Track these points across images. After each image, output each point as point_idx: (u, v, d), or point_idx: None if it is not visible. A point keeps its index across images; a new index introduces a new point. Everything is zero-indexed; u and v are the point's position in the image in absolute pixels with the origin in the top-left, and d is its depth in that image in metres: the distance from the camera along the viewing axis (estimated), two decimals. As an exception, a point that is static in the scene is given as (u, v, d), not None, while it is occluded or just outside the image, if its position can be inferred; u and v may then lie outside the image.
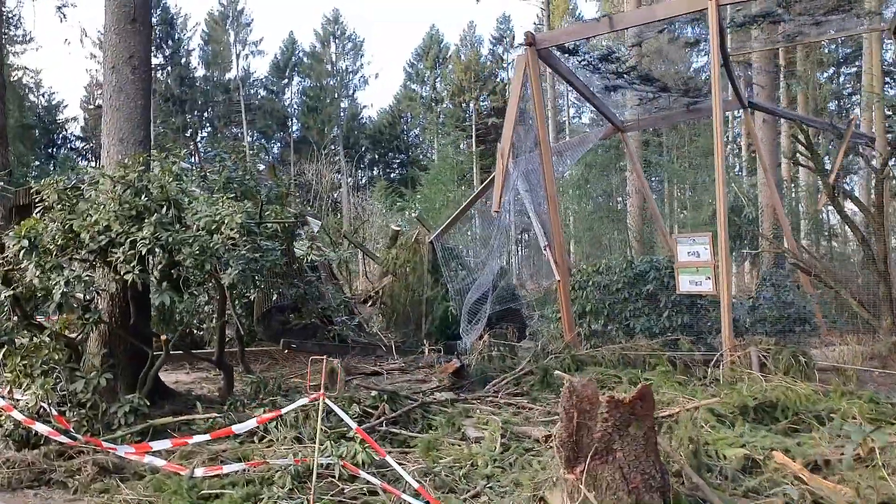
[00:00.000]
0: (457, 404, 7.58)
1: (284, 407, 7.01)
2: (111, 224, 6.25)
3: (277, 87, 66.90)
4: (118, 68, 8.73)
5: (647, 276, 11.68)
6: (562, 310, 10.34)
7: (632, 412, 3.38)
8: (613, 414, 3.38)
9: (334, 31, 68.58)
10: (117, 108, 8.66)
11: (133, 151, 8.47)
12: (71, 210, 6.68)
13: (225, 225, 6.34)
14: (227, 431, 5.43)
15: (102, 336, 7.95)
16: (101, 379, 6.51)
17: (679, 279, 9.44)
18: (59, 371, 6.43)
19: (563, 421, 3.47)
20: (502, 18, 66.83)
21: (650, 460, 3.44)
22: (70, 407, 6.25)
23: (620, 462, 3.43)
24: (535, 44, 9.58)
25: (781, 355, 7.84)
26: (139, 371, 7.96)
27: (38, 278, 5.88)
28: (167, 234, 6.16)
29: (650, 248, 20.54)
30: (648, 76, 11.02)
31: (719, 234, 8.59)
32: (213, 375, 11.59)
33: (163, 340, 6.95)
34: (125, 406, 6.41)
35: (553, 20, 52.89)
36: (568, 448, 3.46)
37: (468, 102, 64.02)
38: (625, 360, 9.36)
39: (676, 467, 4.06)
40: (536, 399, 7.79)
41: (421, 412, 7.03)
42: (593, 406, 3.45)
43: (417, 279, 14.93)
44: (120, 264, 6.04)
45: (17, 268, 6.23)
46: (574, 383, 3.46)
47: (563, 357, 9.22)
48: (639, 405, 3.40)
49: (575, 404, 3.41)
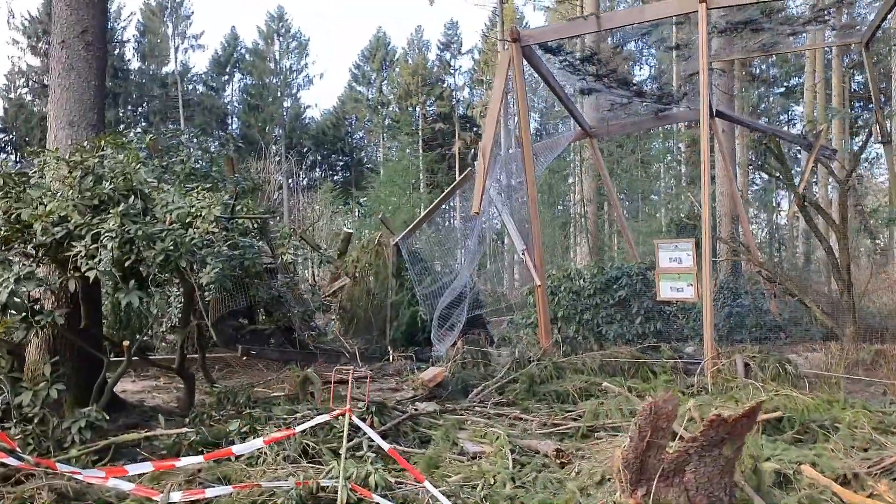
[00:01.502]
0: (444, 415, 7.11)
1: (259, 419, 6.41)
2: (69, 214, 5.51)
3: (218, 83, 64.91)
4: (69, 43, 7.91)
5: (619, 281, 11.53)
6: (539, 316, 10.02)
7: (729, 431, 3.03)
8: (708, 433, 3.01)
9: (278, 29, 67.15)
10: (66, 88, 7.83)
11: (85, 136, 7.66)
12: (17, 198, 5.89)
13: (201, 218, 5.70)
14: (226, 452, 4.79)
15: (46, 341, 7.13)
16: (50, 390, 5.75)
17: (660, 285, 9.26)
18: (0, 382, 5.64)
19: (634, 439, 3.08)
20: (450, 24, 66.71)
21: (722, 483, 3.09)
22: (14, 423, 5.46)
23: (688, 484, 3.07)
24: (520, 40, 9.26)
25: (768, 363, 7.73)
26: (89, 380, 7.16)
27: (-20, 274, 5.11)
28: (136, 227, 5.47)
29: (600, 255, 20.65)
30: (626, 80, 10.87)
31: (703, 240, 8.45)
32: (164, 384, 10.74)
33: (124, 346, 6.22)
34: (80, 421, 5.66)
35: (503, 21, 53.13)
36: (633, 469, 3.08)
37: (415, 107, 63.70)
38: (604, 367, 9.11)
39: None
40: (528, 409, 7.40)
41: (411, 425, 6.53)
42: (669, 423, 3.08)
43: (381, 283, 14.38)
44: (80, 259, 5.32)
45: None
46: (657, 399, 3.08)
47: (545, 364, 8.88)
48: (742, 423, 3.04)
49: (652, 422, 3.03)
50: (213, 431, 6.16)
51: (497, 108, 9.15)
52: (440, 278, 13.17)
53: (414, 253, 13.79)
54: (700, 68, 8.09)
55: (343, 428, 6.01)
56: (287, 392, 9.03)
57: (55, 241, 5.63)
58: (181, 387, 10.70)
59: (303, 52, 67.92)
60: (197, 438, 5.89)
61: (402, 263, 14.38)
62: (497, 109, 9.15)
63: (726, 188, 15.19)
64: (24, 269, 5.19)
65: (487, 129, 9.30)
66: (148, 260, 5.53)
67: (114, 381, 6.43)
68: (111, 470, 4.63)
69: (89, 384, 7.10)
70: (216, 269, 5.52)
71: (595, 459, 5.31)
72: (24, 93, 48.03)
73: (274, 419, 6.42)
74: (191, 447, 5.99)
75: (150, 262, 5.59)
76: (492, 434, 5.94)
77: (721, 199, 15.32)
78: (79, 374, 7.09)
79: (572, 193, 25.78)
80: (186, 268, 5.59)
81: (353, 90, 69.00)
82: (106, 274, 5.29)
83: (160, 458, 5.74)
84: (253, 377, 10.34)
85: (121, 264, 5.54)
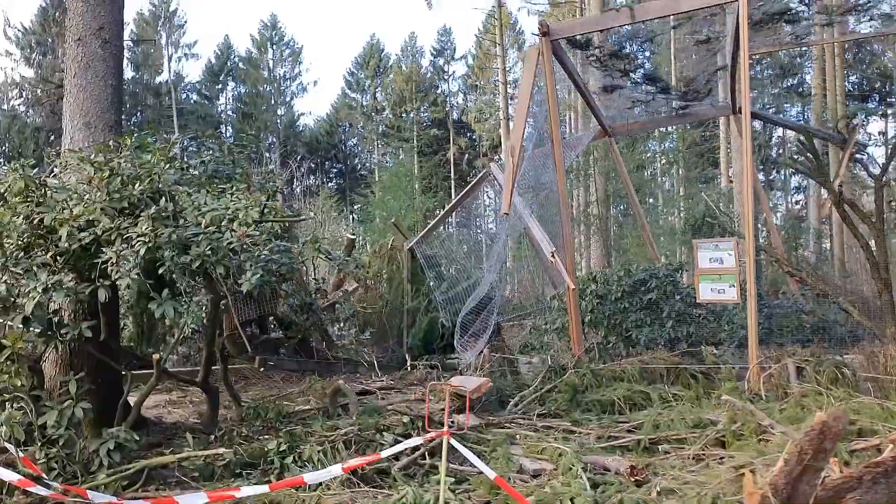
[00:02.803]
0: (490, 429, 6.70)
1: (298, 436, 5.98)
2: (98, 218, 5.09)
3: (212, 92, 64.42)
4: (85, 41, 7.49)
5: (647, 284, 11.15)
6: (570, 321, 9.64)
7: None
8: (890, 462, 2.63)
9: (272, 37, 66.91)
10: (83, 88, 7.41)
11: (102, 138, 7.25)
12: (38, 202, 5.47)
13: (238, 220, 5.29)
14: (296, 481, 4.32)
15: (62, 355, 6.69)
16: (76, 409, 5.30)
17: (699, 287, 8.90)
18: (22, 401, 5.20)
19: (791, 462, 2.69)
20: (443, 30, 66.61)
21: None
22: (40, 446, 5.02)
23: (842, 513, 2.68)
24: (550, 34, 8.91)
25: (823, 366, 7.35)
26: (109, 396, 6.73)
27: (4, 284, 4.67)
28: (169, 231, 5.06)
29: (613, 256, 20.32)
30: (654, 75, 10.55)
31: (747, 239, 8.10)
32: (178, 398, 10.27)
33: (155, 359, 5.78)
34: (109, 442, 5.21)
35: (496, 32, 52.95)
36: (783, 496, 2.69)
37: (409, 113, 63.48)
38: (643, 374, 8.73)
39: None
40: (578, 421, 6.99)
41: (458, 440, 6.10)
42: (833, 445, 2.70)
43: (395, 289, 13.96)
44: (111, 267, 4.88)
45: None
46: (828, 418, 2.69)
47: (583, 372, 8.49)
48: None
49: (817, 442, 2.64)
50: (249, 451, 5.73)
51: (526, 105, 8.79)
52: (458, 283, 12.77)
53: (429, 257, 13.39)
54: (741, 61, 7.75)
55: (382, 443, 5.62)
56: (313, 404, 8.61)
57: (81, 248, 5.21)
58: (196, 400, 10.28)
59: (296, 60, 67.73)
60: (234, 459, 5.46)
61: (416, 268, 13.99)
62: (526, 106, 8.79)
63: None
64: (52, 277, 4.76)
65: (516, 126, 8.93)
66: (182, 266, 5.11)
67: (142, 398, 6.01)
68: (160, 502, 4.18)
69: (108, 401, 6.66)
70: (258, 276, 5.10)
71: (669, 476, 4.93)
72: (18, 104, 47.49)
73: (315, 436, 5.99)
74: (226, 468, 5.57)
75: (184, 269, 5.18)
76: (552, 450, 5.53)
77: (739, 197, 15.00)
78: (98, 391, 6.64)
79: (577, 194, 25.44)
80: (223, 274, 5.16)
81: (346, 97, 68.69)
82: (137, 282, 4.86)
83: (193, 481, 5.33)
84: (272, 389, 9.91)
85: (153, 272, 5.12)
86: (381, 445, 5.64)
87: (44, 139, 45.05)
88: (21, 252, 5.34)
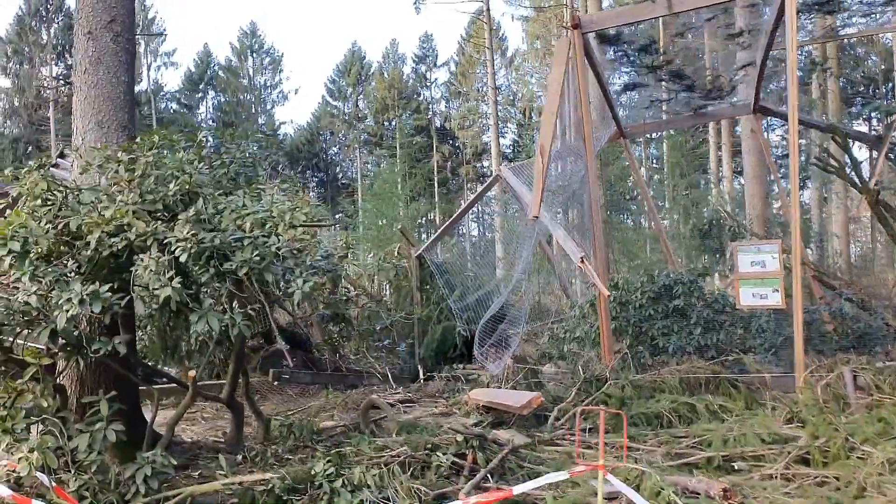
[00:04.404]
0: (541, 446, 6.29)
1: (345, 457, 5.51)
2: (131, 222, 4.60)
3: (191, 100, 63.46)
4: (96, 34, 6.98)
5: (673, 290, 10.84)
6: (602, 330, 9.28)
7: None
8: None
9: (252, 45, 66.26)
10: (94, 85, 6.88)
11: (115, 138, 6.73)
12: (61, 206, 4.96)
13: (284, 223, 4.84)
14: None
15: (79, 372, 6.15)
16: (107, 431, 4.80)
17: (740, 292, 8.59)
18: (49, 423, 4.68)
19: None
20: (425, 37, 66.42)
21: None
22: (73, 472, 4.50)
23: None
24: (581, 27, 8.57)
25: (883, 374, 7.04)
26: (133, 416, 6.22)
27: (35, 296, 4.17)
28: (211, 235, 4.59)
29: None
30: (680, 73, 10.28)
31: (794, 243, 7.81)
32: (189, 414, 9.67)
33: (190, 376, 5.29)
34: (145, 468, 4.72)
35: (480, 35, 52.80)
36: None
37: (392, 120, 63.18)
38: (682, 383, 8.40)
39: None
40: (632, 436, 6.60)
41: (515, 460, 5.69)
42: None
43: (403, 298, 13.51)
44: (148, 275, 4.40)
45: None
46: None
47: (622, 384, 8.13)
48: None
49: None
50: (293, 474, 5.25)
51: (556, 102, 8.42)
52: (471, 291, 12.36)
53: (440, 265, 12.97)
54: (788, 56, 7.47)
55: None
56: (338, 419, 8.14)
57: (112, 254, 4.71)
58: (207, 416, 9.73)
59: (277, 68, 67.16)
60: (282, 485, 4.98)
61: (425, 276, 13.55)
62: (556, 103, 8.41)
63: (756, 190, 14.70)
64: (86, 287, 4.25)
65: (545, 125, 8.55)
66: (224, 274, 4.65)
67: (176, 418, 5.53)
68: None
69: (131, 420, 6.15)
70: (310, 283, 4.64)
71: (763, 498, 4.56)
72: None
73: (360, 456, 5.52)
74: (269, 494, 5.08)
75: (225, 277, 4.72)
76: (624, 470, 5.12)
77: (752, 200, 14.82)
78: (119, 410, 6.14)
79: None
80: (269, 281, 4.70)
81: (328, 105, 68.09)
82: (178, 292, 4.38)
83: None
84: (290, 403, 9.40)
85: (194, 280, 4.65)
86: (440, 467, 5.19)
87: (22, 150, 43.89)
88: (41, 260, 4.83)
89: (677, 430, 6.87)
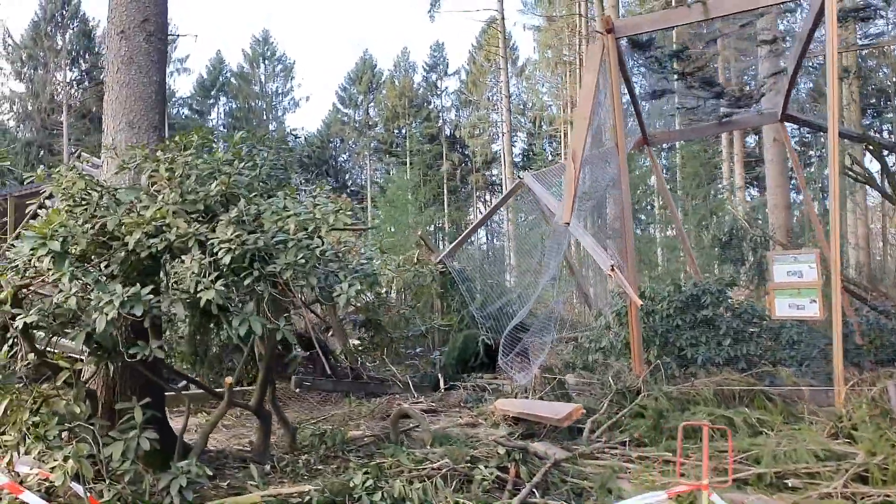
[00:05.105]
0: (582, 460, 6.08)
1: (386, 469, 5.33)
2: (172, 222, 4.45)
3: (203, 106, 63.70)
4: (128, 34, 6.88)
5: (700, 300, 10.64)
6: (632, 340, 9.08)
7: None
8: None
9: (264, 52, 66.56)
10: (126, 84, 6.78)
11: (146, 139, 6.62)
12: (97, 205, 4.82)
13: (328, 225, 4.68)
14: None
15: (105, 377, 6.00)
16: (141, 439, 4.63)
17: (774, 302, 8.39)
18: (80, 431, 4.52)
19: None
20: (436, 46, 66.54)
21: None
22: (108, 483, 4.33)
23: None
24: (615, 31, 8.43)
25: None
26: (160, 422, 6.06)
27: (75, 297, 4.02)
28: (254, 237, 4.44)
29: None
30: (711, 80, 10.11)
31: (833, 251, 7.61)
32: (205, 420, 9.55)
33: (226, 383, 5.13)
34: (180, 478, 4.54)
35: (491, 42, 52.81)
36: None
37: (402, 128, 63.28)
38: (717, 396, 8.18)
39: None
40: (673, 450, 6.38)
41: (559, 474, 5.49)
42: None
43: (423, 305, 13.33)
44: (191, 277, 4.25)
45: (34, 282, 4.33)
46: None
47: (655, 395, 7.92)
48: None
49: None
50: (329, 485, 5.07)
51: (589, 107, 8.26)
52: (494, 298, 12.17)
53: (461, 272, 12.80)
54: (827, 62, 7.29)
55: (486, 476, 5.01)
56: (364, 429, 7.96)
57: (149, 255, 4.56)
58: (227, 424, 9.56)
59: (288, 76, 67.42)
60: (320, 497, 4.80)
61: (445, 283, 13.39)
62: (589, 108, 8.26)
63: (780, 200, 14.49)
64: (127, 290, 4.10)
65: (577, 130, 8.40)
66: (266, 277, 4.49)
67: (210, 426, 5.34)
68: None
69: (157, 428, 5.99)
70: (355, 287, 4.48)
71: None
72: (8, 119, 46.66)
73: (397, 468, 5.34)
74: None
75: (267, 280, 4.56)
76: (730, 488, 4.88)
77: (774, 210, 14.61)
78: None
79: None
80: (313, 285, 4.54)
81: (338, 112, 68.23)
82: (222, 295, 4.23)
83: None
84: (312, 411, 9.22)
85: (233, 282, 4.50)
86: (484, 481, 5.00)
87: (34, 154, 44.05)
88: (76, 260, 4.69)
89: (716, 443, 6.65)
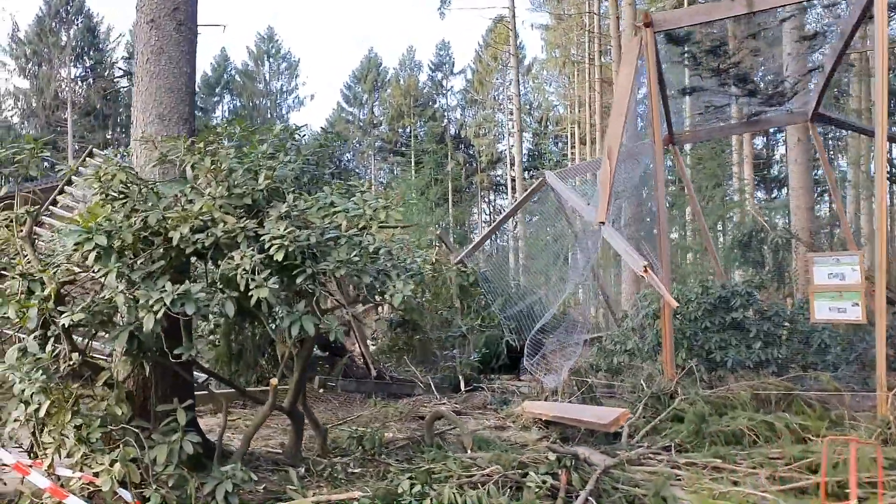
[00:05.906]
0: (629, 466, 5.90)
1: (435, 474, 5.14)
2: (221, 217, 4.27)
3: (207, 104, 63.49)
4: (158, 23, 6.67)
5: (730, 302, 10.45)
6: (664, 342, 8.89)
7: None
8: None
9: (269, 50, 66.36)
10: (156, 75, 6.57)
11: (177, 132, 6.41)
12: (138, 198, 4.63)
13: (378, 222, 4.50)
14: None
15: (135, 378, 5.81)
16: (184, 442, 4.45)
17: (814, 305, 8.20)
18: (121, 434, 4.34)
19: None
20: (442, 45, 66.40)
21: None
22: (154, 487, 4.14)
23: None
24: (654, 25, 8.23)
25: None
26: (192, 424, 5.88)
27: (122, 295, 3.83)
28: (306, 233, 4.25)
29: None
30: (746, 76, 9.90)
31: (880, 253, 7.41)
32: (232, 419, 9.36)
33: (271, 385, 4.95)
34: (225, 483, 4.36)
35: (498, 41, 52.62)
36: None
37: (407, 127, 63.13)
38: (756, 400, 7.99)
39: None
40: (722, 456, 6.19)
41: (609, 481, 5.30)
42: None
43: (443, 305, 13.12)
44: (241, 274, 4.06)
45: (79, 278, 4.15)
46: None
47: (692, 399, 7.73)
48: None
49: None
50: (378, 492, 4.88)
51: (626, 103, 8.06)
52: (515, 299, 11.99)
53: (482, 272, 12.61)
54: (877, 56, 7.08)
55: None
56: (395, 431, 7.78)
57: (196, 252, 4.38)
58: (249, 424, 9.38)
59: (293, 74, 67.22)
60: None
61: (464, 283, 13.19)
62: (626, 104, 8.06)
63: (803, 202, 14.31)
64: (177, 287, 3.92)
65: (613, 126, 8.20)
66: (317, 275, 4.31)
67: (254, 429, 5.16)
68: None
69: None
70: (410, 286, 4.30)
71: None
72: (12, 115, 46.46)
73: (453, 475, 5.15)
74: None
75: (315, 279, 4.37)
76: (738, 496, 4.71)
77: (797, 211, 14.42)
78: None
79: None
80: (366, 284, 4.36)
81: (343, 111, 68.05)
82: (276, 293, 4.04)
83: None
84: (338, 412, 9.04)
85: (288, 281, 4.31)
86: (539, 488, 4.81)
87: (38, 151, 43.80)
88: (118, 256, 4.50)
89: (763, 449, 6.47)
